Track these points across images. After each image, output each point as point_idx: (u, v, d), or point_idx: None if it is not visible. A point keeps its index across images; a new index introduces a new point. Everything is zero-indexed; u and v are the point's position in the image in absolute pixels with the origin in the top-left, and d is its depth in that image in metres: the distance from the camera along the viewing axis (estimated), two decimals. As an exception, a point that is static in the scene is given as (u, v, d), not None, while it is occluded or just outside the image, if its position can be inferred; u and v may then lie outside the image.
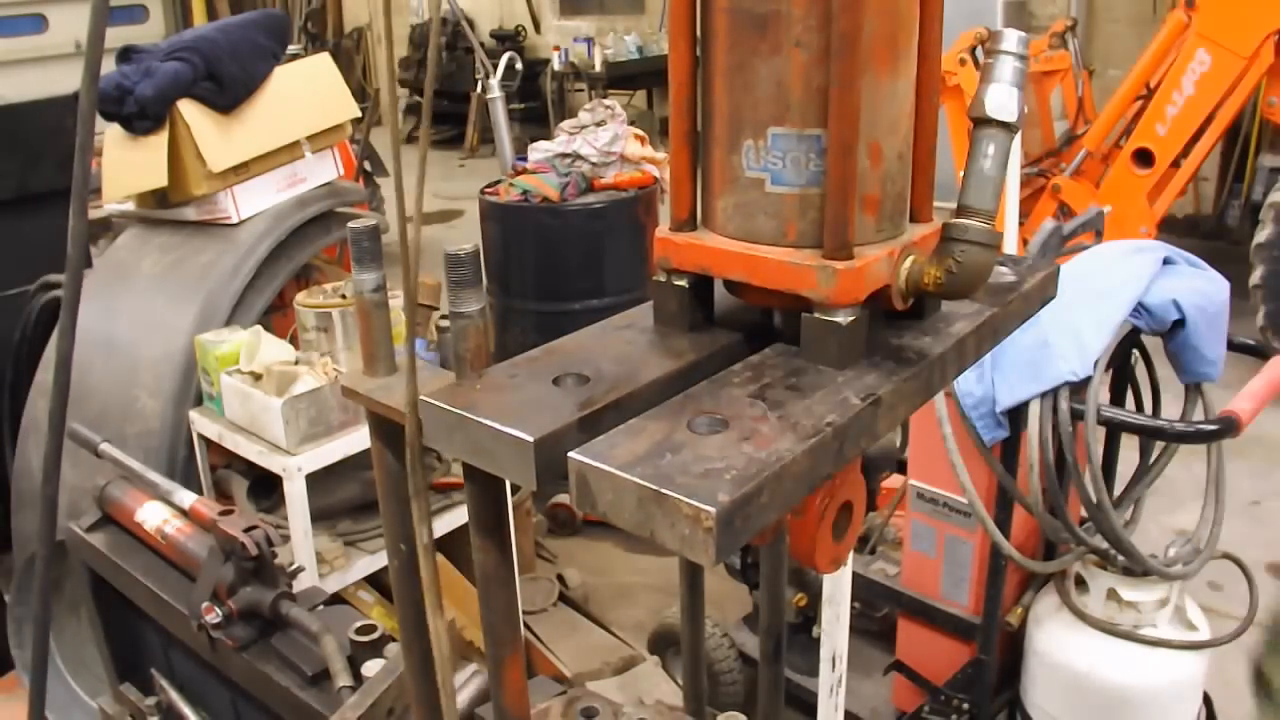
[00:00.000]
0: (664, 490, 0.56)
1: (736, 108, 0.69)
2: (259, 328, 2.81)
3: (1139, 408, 2.65)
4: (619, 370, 0.70)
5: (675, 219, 0.75)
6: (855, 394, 0.66)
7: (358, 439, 2.63)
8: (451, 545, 3.00)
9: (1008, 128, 0.68)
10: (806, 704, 2.73)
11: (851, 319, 0.68)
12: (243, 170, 2.97)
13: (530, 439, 0.61)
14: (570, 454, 0.60)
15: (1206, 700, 2.63)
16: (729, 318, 0.78)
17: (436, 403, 0.66)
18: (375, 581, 2.87)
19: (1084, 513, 2.48)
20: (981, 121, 0.69)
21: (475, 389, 0.68)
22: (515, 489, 3.50)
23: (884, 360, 0.71)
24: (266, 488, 2.85)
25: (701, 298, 0.76)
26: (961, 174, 0.72)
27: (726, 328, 0.77)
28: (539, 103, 10.64)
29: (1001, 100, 0.68)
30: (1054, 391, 2.36)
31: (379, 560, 2.77)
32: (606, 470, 0.59)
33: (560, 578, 3.62)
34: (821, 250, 0.67)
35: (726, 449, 0.60)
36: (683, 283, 0.75)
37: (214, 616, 1.64)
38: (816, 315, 0.69)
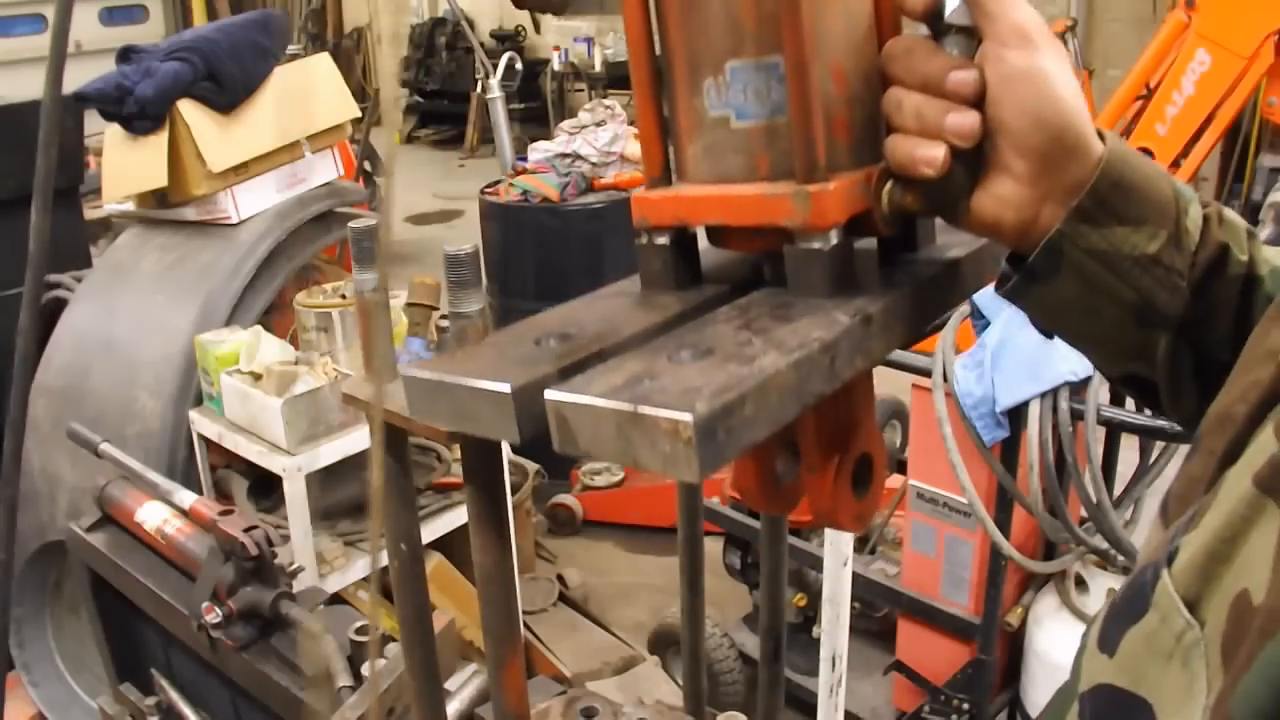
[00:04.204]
0: (640, 409, 0.54)
1: (693, 49, 0.69)
2: (259, 328, 2.81)
3: (1139, 408, 2.65)
4: (601, 327, 0.68)
5: (649, 178, 0.74)
6: (844, 314, 0.65)
7: (358, 439, 2.63)
8: (451, 545, 3.00)
9: (968, 32, 0.68)
10: (806, 704, 2.73)
11: (834, 244, 0.66)
12: (243, 170, 2.97)
13: (507, 389, 0.60)
14: (546, 393, 0.59)
15: (1206, 700, 2.63)
16: (716, 274, 0.76)
17: (416, 373, 0.65)
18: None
19: (1084, 513, 2.48)
20: (942, 30, 0.68)
21: (454, 358, 0.67)
22: (515, 488, 3.50)
23: (875, 287, 0.70)
24: (266, 488, 2.85)
25: (685, 255, 0.75)
26: None
27: (714, 284, 0.75)
28: (539, 103, 10.64)
29: (955, 6, 0.68)
30: (1054, 391, 2.37)
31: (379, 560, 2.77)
32: (583, 403, 0.57)
33: (560, 578, 3.62)
34: (794, 179, 0.66)
35: (708, 371, 0.58)
36: (663, 240, 0.73)
37: (214, 616, 1.64)
38: (798, 245, 0.67)
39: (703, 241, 0.77)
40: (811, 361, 0.60)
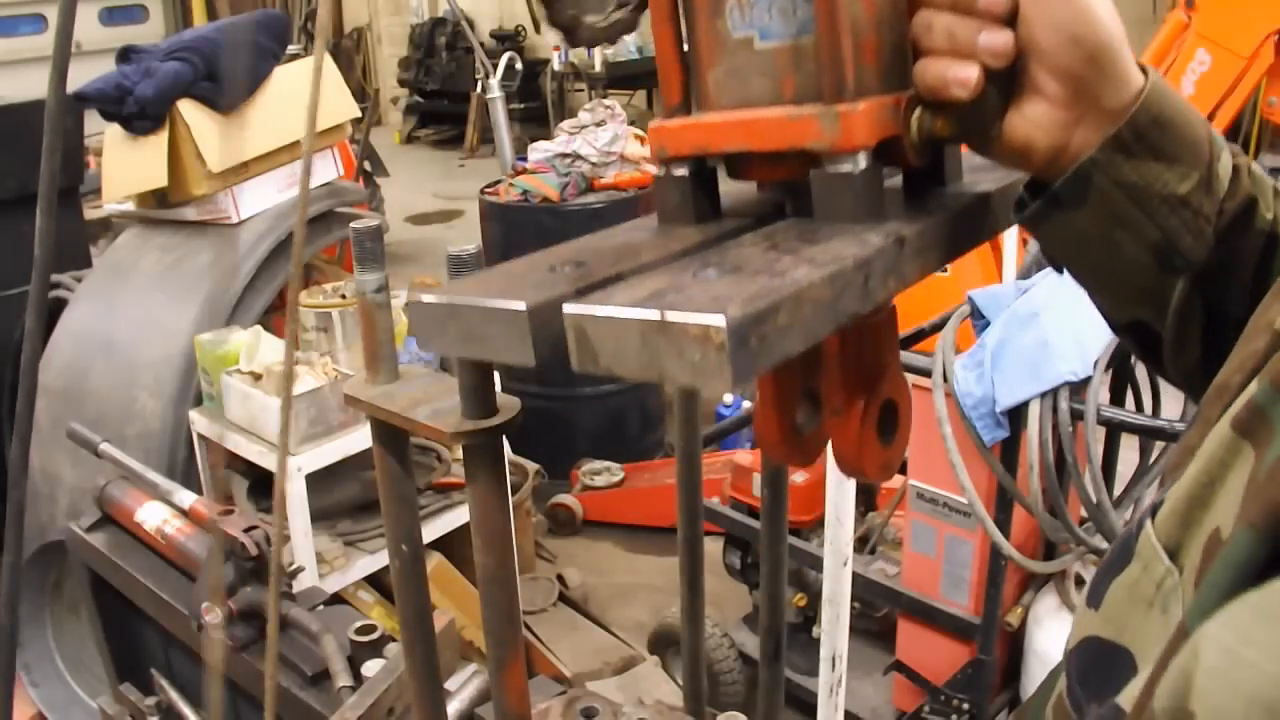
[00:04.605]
0: (667, 316, 0.51)
1: None
2: (259, 328, 2.81)
3: (1139, 408, 2.65)
4: (619, 255, 0.66)
5: (668, 106, 0.71)
6: (876, 235, 0.62)
7: (358, 439, 2.63)
8: (451, 545, 3.00)
9: None
10: (806, 704, 2.73)
11: (863, 168, 0.63)
12: (243, 170, 2.97)
13: (523, 306, 0.57)
14: (565, 307, 0.55)
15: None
16: (737, 210, 0.73)
17: (424, 298, 0.62)
18: (375, 581, 2.88)
19: (1084, 513, 2.48)
20: None
21: (463, 285, 0.64)
22: (515, 488, 3.50)
23: (906, 213, 0.67)
24: (266, 488, 2.85)
25: (705, 187, 0.72)
26: None
27: (735, 218, 0.72)
28: (539, 103, 10.64)
29: None
30: (1054, 391, 2.37)
31: (379, 560, 2.77)
32: (605, 315, 0.53)
33: (560, 578, 3.62)
34: (821, 101, 0.64)
35: (738, 284, 0.55)
36: (683, 171, 0.71)
37: (214, 616, 1.64)
38: (826, 169, 0.64)
39: (723, 184, 0.74)
40: (845, 277, 0.57)
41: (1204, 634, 0.45)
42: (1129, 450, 2.67)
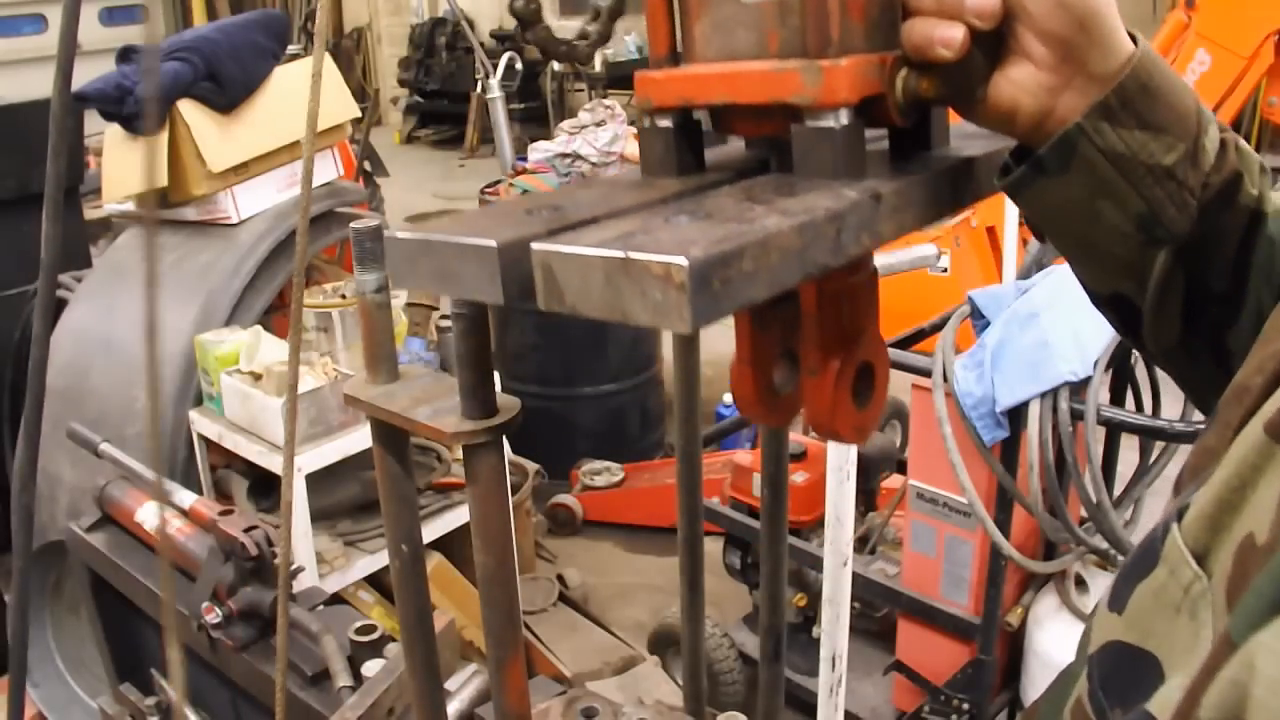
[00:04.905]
0: (631, 255, 0.52)
1: None
2: (259, 328, 2.81)
3: (1139, 408, 2.65)
4: (596, 202, 0.66)
5: (654, 58, 0.72)
6: (853, 190, 0.62)
7: (358, 439, 2.63)
8: (451, 545, 3.00)
9: None
10: (806, 704, 2.73)
11: (845, 124, 0.64)
12: (243, 170, 2.97)
13: (493, 244, 0.58)
14: (533, 245, 0.57)
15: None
16: (721, 166, 0.74)
17: (400, 235, 0.63)
18: (375, 581, 2.87)
19: (1084, 513, 2.48)
20: None
21: (439, 223, 0.65)
22: (516, 488, 3.50)
23: (887, 172, 0.67)
24: (266, 488, 2.85)
25: (689, 139, 0.72)
26: None
27: (718, 171, 0.73)
28: (539, 103, 10.64)
29: None
30: (1054, 391, 2.37)
31: (379, 560, 2.77)
32: (571, 253, 0.55)
33: (560, 578, 3.62)
34: (806, 56, 0.64)
35: (707, 229, 0.56)
36: (667, 123, 0.71)
37: (214, 616, 1.64)
38: (807, 124, 0.65)
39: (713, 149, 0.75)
40: (816, 227, 0.58)
41: (1259, 644, 0.44)
42: (1129, 450, 2.67)
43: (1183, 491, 0.62)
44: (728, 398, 4.61)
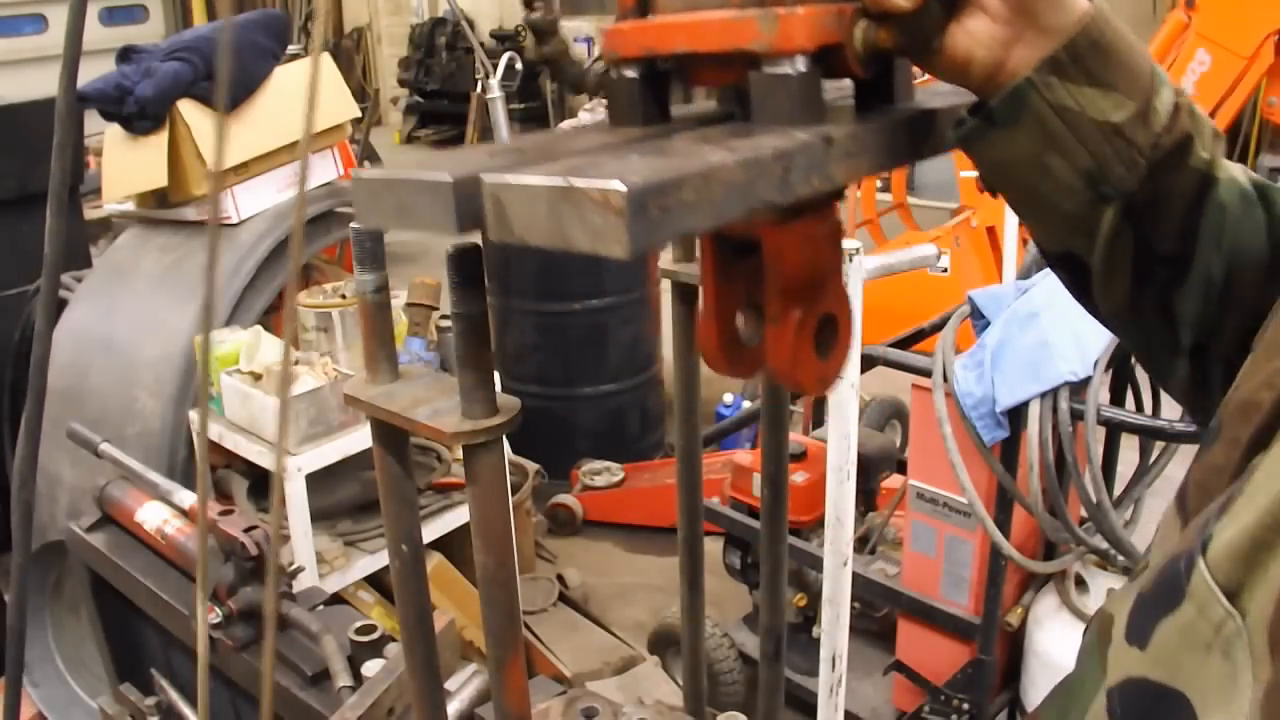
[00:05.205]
0: (571, 182, 0.54)
1: None
2: (259, 328, 2.81)
3: (1139, 408, 2.65)
4: (557, 146, 0.68)
5: (621, 10, 0.74)
6: (805, 134, 0.64)
7: (358, 439, 2.63)
8: (451, 545, 3.00)
9: None
10: (806, 704, 2.73)
11: (801, 71, 0.66)
12: (243, 170, 2.97)
13: (448, 178, 0.60)
14: (483, 176, 0.59)
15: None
16: (686, 118, 0.76)
17: (363, 174, 0.66)
18: (375, 581, 2.88)
19: (1084, 513, 2.48)
20: None
21: (403, 165, 0.67)
22: (516, 488, 3.50)
23: (847, 121, 0.69)
24: (266, 488, 2.86)
25: (654, 90, 0.74)
26: None
27: (682, 122, 0.75)
28: (539, 103, 10.65)
29: None
30: (1054, 391, 2.37)
31: (379, 560, 2.77)
32: (517, 183, 0.57)
33: (560, 578, 3.62)
34: (765, 5, 0.66)
35: (652, 162, 0.58)
36: (632, 73, 0.73)
37: (214, 616, 1.64)
38: (765, 70, 0.67)
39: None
40: (761, 164, 0.60)
41: None
42: (1129, 450, 2.67)
43: (1191, 509, 0.61)
44: (728, 397, 4.61)
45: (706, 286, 0.79)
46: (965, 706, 2.65)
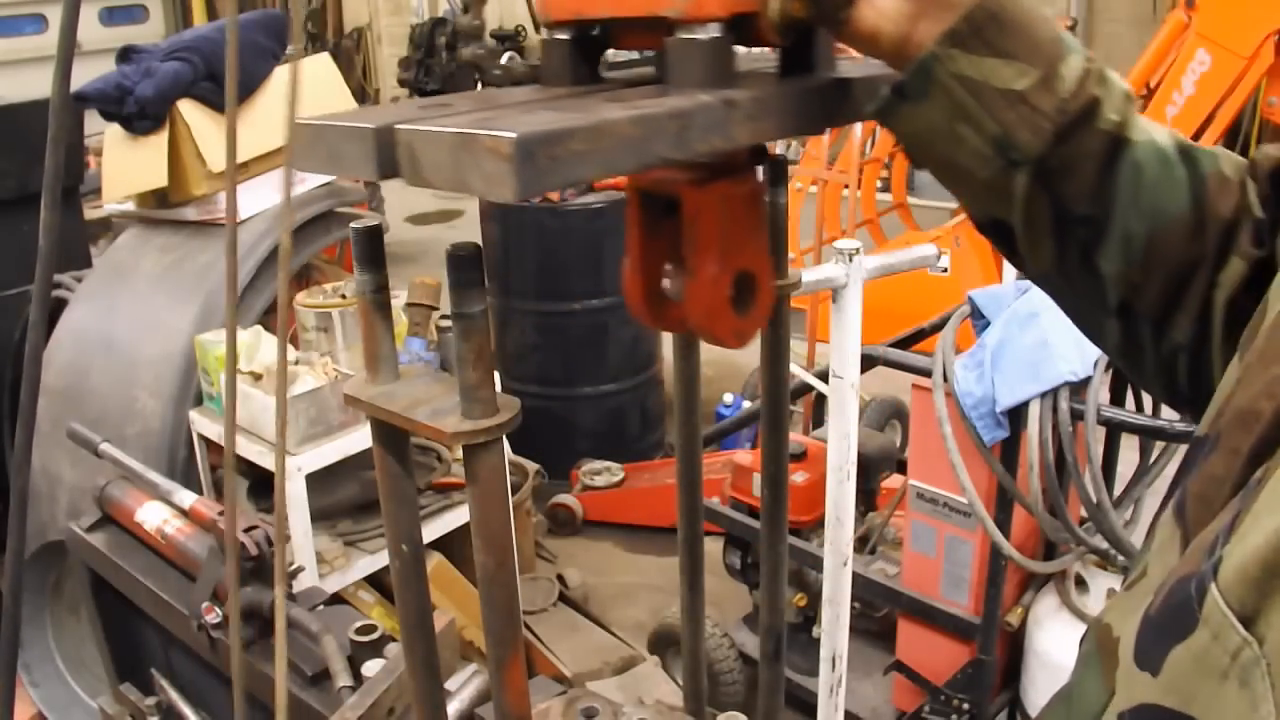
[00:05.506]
0: (469, 131, 0.59)
1: None
2: (259, 328, 2.81)
3: (1139, 408, 2.65)
4: (484, 103, 0.72)
5: None
6: (708, 95, 0.69)
7: (358, 439, 2.63)
8: (451, 545, 3.00)
9: None
10: (806, 704, 2.73)
11: (713, 37, 0.70)
12: (243, 170, 2.97)
13: (370, 126, 0.65)
14: (397, 125, 0.64)
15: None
16: (617, 80, 0.81)
17: (299, 120, 0.70)
18: (375, 581, 2.88)
19: (1084, 513, 2.48)
20: None
21: (342, 114, 0.72)
22: (516, 488, 3.50)
23: (761, 86, 0.74)
24: (266, 488, 2.85)
25: (585, 53, 0.79)
26: None
27: (610, 85, 0.80)
28: (539, 103, 10.62)
29: None
30: (1054, 391, 2.37)
31: (379, 560, 2.77)
32: (425, 130, 0.63)
33: (560, 578, 3.62)
34: None
35: (552, 116, 0.63)
36: (564, 36, 0.78)
37: (214, 616, 1.64)
38: (679, 35, 0.71)
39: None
40: (655, 121, 0.64)
41: None
42: (1129, 450, 2.67)
43: (1191, 521, 0.60)
44: (728, 397, 4.61)
45: (632, 240, 0.84)
46: (965, 706, 2.65)
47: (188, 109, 2.87)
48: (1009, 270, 3.68)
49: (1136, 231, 0.74)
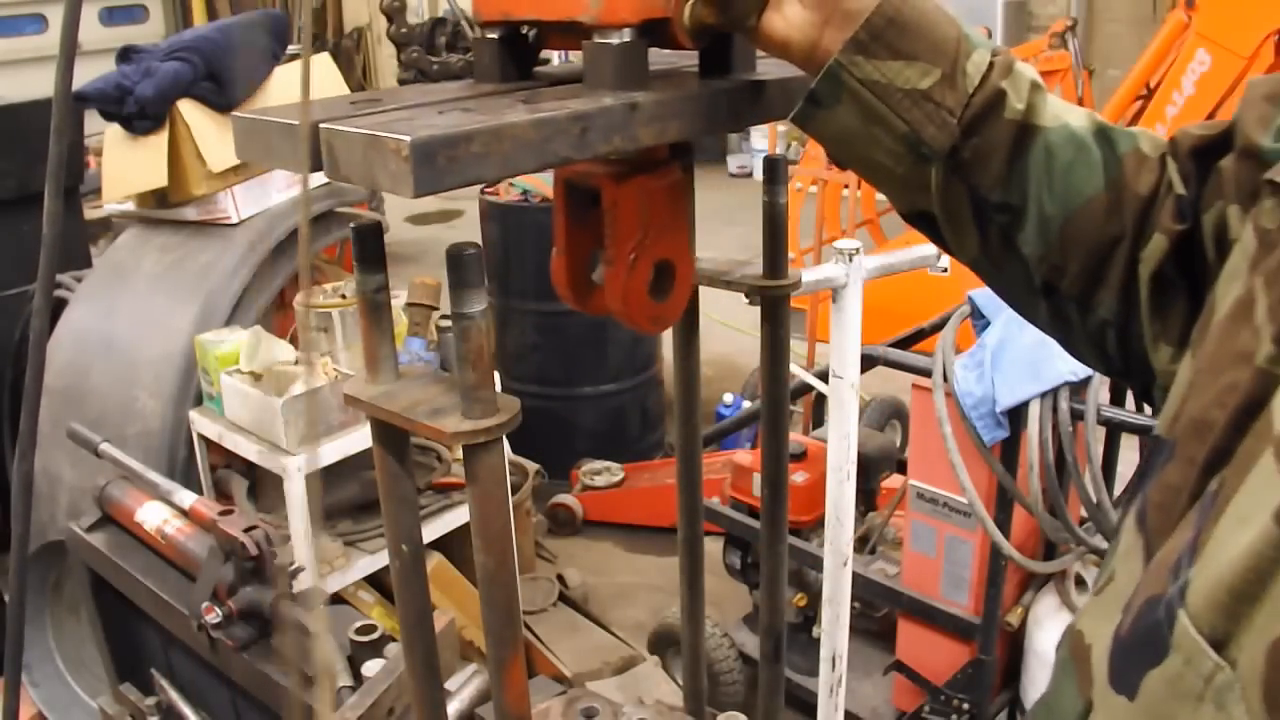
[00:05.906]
0: (376, 133, 0.64)
1: None
2: (259, 328, 2.81)
3: (1139, 408, 2.65)
4: (412, 100, 0.76)
5: None
6: (612, 98, 0.72)
7: (358, 439, 2.63)
8: (451, 545, 3.00)
9: None
10: (806, 704, 2.73)
11: (625, 41, 0.74)
12: (243, 170, 2.97)
13: (297, 124, 0.68)
14: (321, 125, 0.67)
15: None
16: (546, 78, 0.84)
17: (238, 115, 0.74)
18: (375, 581, 2.88)
19: (1084, 513, 2.48)
20: None
21: (277, 109, 0.75)
22: (516, 488, 3.50)
23: (673, 88, 0.77)
24: (266, 488, 2.85)
25: (514, 52, 0.82)
26: None
27: (536, 82, 0.83)
28: (539, 103, 10.62)
29: None
30: (1054, 391, 2.37)
31: (379, 560, 2.77)
32: (341, 130, 0.66)
33: (560, 578, 3.62)
34: None
35: (459, 118, 0.66)
36: (494, 35, 0.81)
37: (214, 616, 1.64)
38: (594, 39, 0.75)
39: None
40: (555, 124, 0.68)
41: None
42: (1129, 450, 2.67)
43: (1152, 530, 0.61)
44: (728, 397, 4.61)
45: (559, 228, 0.88)
46: (965, 706, 2.65)
47: (188, 109, 2.87)
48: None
49: (1052, 214, 0.76)
